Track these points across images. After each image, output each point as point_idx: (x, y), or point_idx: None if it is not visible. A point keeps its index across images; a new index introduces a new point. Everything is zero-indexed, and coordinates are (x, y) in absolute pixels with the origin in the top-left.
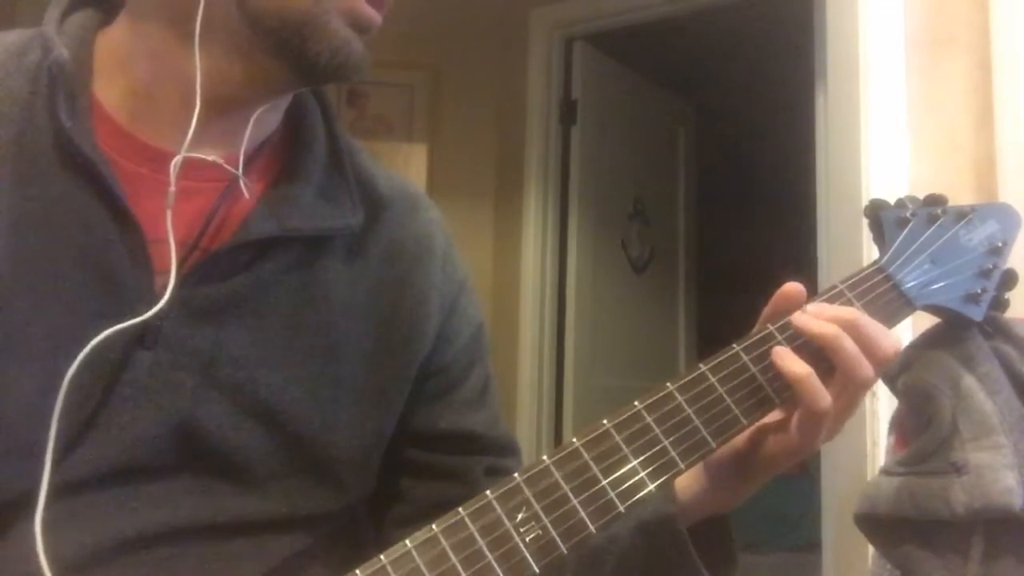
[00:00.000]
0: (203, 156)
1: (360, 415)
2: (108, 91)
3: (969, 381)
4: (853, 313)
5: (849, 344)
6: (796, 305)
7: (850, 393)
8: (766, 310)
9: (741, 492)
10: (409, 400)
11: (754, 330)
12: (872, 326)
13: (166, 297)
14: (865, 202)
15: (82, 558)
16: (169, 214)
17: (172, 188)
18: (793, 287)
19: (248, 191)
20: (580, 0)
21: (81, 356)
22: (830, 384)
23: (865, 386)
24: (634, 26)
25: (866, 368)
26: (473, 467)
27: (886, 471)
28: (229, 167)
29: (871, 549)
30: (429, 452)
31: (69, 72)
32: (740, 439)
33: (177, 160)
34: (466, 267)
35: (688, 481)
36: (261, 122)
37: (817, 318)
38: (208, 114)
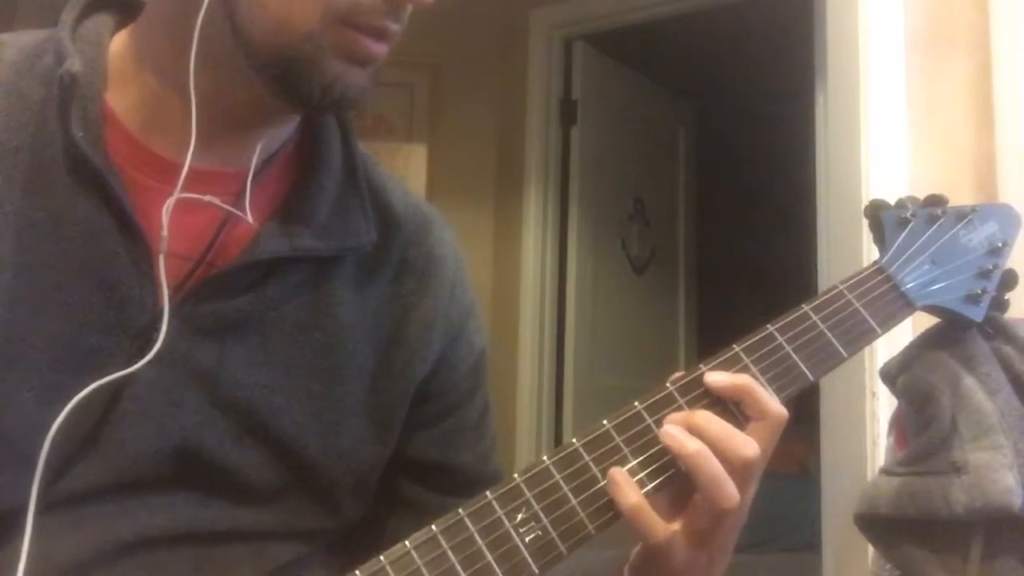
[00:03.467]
0: (209, 173)
1: (360, 438)
2: (121, 98)
3: (969, 381)
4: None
5: (713, 464)
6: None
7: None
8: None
9: None
10: (405, 423)
11: (753, 333)
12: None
13: (159, 342)
14: (865, 202)
15: (81, 561)
16: (162, 258)
17: (164, 232)
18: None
19: (250, 216)
20: (580, 0)
21: (72, 403)
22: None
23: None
24: (634, 26)
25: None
26: (452, 508)
27: (886, 471)
28: (226, 206)
29: (871, 549)
30: (418, 485)
31: (81, 82)
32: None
33: (169, 203)
34: (471, 285)
35: None
36: (272, 134)
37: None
38: (215, 128)
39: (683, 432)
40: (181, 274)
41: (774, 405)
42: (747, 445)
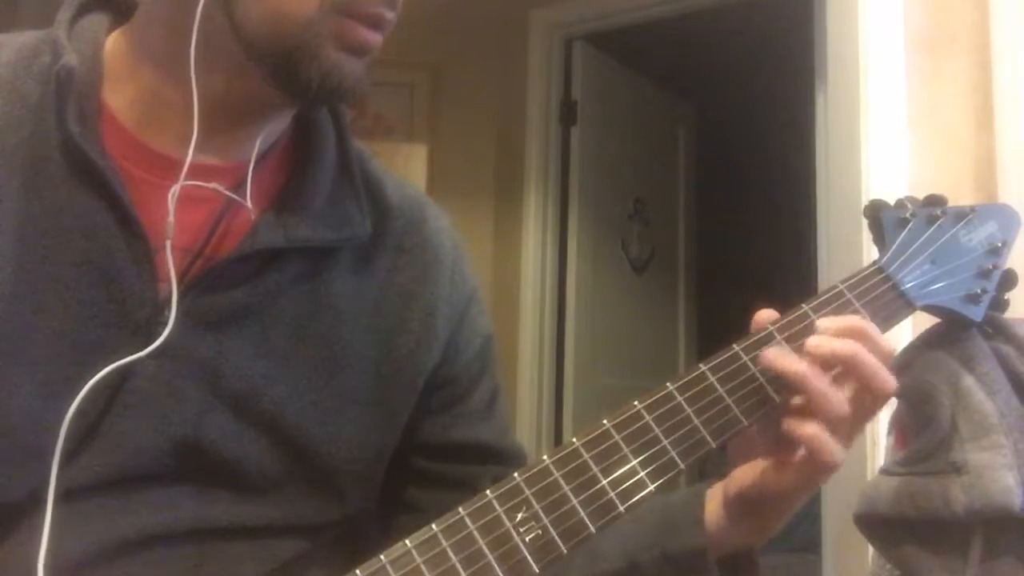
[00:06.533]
0: (208, 167)
1: (364, 427)
2: (117, 96)
3: (969, 381)
4: (861, 324)
5: (869, 358)
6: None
7: (867, 406)
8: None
9: (764, 528)
10: (416, 412)
11: (753, 334)
12: (879, 337)
13: (167, 331)
14: (865, 202)
15: (83, 559)
16: (169, 244)
17: (171, 219)
18: (765, 315)
19: (250, 206)
20: (580, 0)
21: (84, 391)
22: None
23: (886, 396)
24: (634, 26)
25: (887, 377)
26: (482, 476)
27: (886, 471)
28: (229, 192)
29: (871, 549)
30: (438, 463)
31: (78, 78)
32: (752, 474)
33: (175, 190)
34: (472, 272)
35: (715, 513)
36: (269, 129)
37: (829, 336)
38: (213, 123)
39: (787, 356)
40: (181, 267)
41: (884, 344)
42: (887, 377)
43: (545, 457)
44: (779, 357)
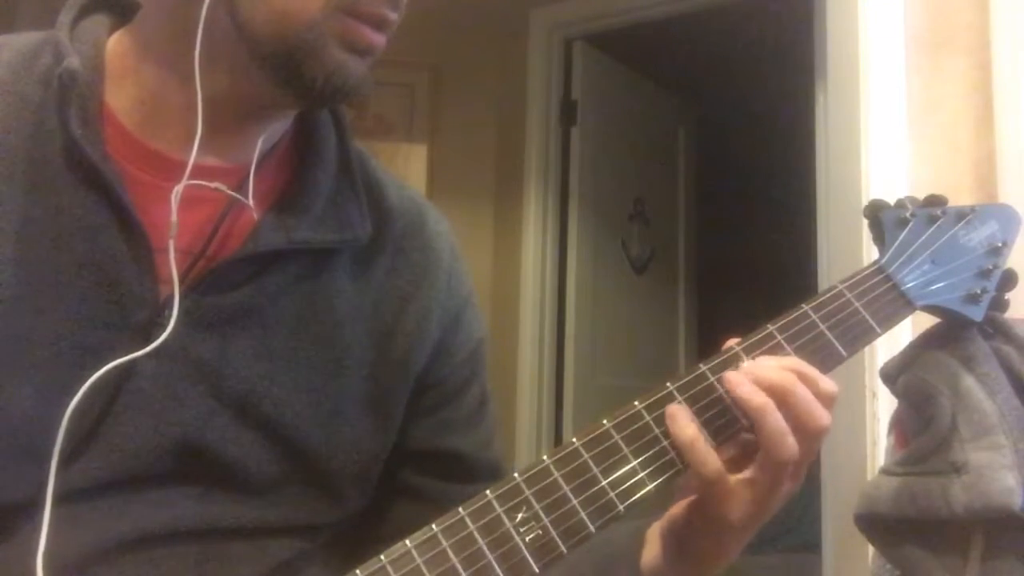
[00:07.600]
0: (209, 168)
1: (362, 429)
2: (118, 97)
3: (969, 381)
4: (790, 379)
5: (805, 391)
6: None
7: (772, 470)
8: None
9: (701, 570)
10: (405, 413)
11: (753, 332)
12: (819, 377)
13: (170, 328)
14: (865, 202)
15: (82, 558)
16: (172, 244)
17: (174, 218)
18: (730, 344)
19: (252, 206)
20: (580, 0)
21: (84, 388)
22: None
23: (817, 433)
24: (634, 26)
25: (791, 447)
26: (460, 495)
27: (886, 471)
28: (232, 192)
29: (871, 549)
30: (419, 473)
31: (80, 80)
32: (683, 508)
33: (178, 189)
34: (469, 276)
35: (653, 554)
36: (271, 130)
37: (752, 379)
38: (215, 124)
39: (752, 385)
40: (182, 268)
41: (824, 384)
42: (823, 413)
43: (545, 457)
44: (740, 384)
